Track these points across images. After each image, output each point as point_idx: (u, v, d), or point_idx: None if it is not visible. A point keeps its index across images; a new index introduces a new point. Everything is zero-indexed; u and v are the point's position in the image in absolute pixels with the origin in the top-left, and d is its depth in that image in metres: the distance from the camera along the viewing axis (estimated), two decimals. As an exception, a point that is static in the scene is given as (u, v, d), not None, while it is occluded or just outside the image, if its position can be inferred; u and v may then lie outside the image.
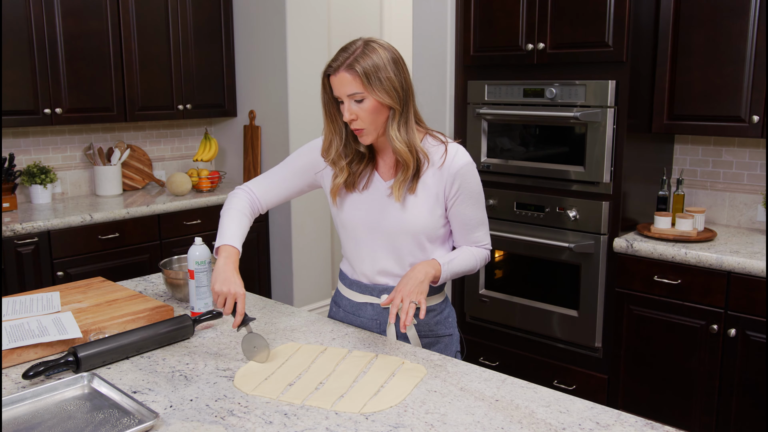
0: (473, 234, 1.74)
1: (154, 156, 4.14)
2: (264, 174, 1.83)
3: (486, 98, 3.09)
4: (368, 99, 1.55)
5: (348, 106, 1.56)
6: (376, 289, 1.74)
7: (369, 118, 1.57)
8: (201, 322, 1.72)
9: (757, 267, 2.43)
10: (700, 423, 2.65)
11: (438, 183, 1.66)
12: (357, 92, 1.54)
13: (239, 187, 1.81)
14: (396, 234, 1.68)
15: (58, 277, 3.15)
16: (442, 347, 1.79)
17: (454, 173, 1.65)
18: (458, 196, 1.67)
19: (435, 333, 1.77)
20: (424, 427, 1.25)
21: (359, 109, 1.56)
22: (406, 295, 1.56)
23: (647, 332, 2.74)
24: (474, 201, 1.70)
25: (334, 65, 1.56)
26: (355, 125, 1.58)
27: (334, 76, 1.56)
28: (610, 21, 2.69)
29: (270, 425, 1.26)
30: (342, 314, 1.85)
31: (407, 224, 1.66)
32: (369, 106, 1.55)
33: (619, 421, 1.27)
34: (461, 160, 1.66)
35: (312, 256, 4.18)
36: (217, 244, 1.67)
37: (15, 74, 3.19)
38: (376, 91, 1.54)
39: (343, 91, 1.56)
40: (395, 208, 1.66)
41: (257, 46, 4.02)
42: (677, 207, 2.91)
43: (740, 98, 2.63)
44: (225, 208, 1.76)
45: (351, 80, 1.54)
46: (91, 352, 1.48)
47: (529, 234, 3.02)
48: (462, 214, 1.70)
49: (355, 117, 1.56)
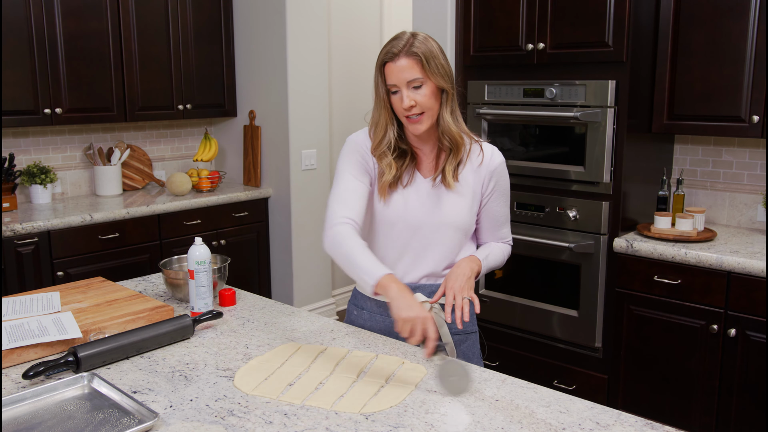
0: (501, 230, 1.81)
1: (154, 156, 4.14)
2: (336, 196, 1.67)
3: (486, 98, 3.09)
4: (426, 84, 1.59)
5: (406, 93, 1.59)
6: (410, 287, 1.71)
7: (427, 103, 1.60)
8: (201, 322, 1.72)
9: (757, 267, 2.43)
10: (700, 423, 2.65)
11: (476, 180, 1.71)
12: (417, 77, 1.58)
13: (334, 223, 1.62)
14: (438, 229, 1.68)
15: (58, 277, 3.15)
16: (471, 344, 1.79)
17: (492, 171, 1.72)
18: (493, 194, 1.74)
19: (464, 330, 1.78)
20: (424, 427, 1.25)
21: (417, 95, 1.59)
22: (458, 291, 1.58)
23: (647, 332, 2.74)
24: (505, 199, 1.78)
25: (394, 51, 1.58)
26: (414, 111, 1.60)
27: (393, 63, 1.59)
28: (610, 21, 2.69)
29: (270, 425, 1.26)
30: (366, 316, 1.81)
31: (450, 219, 1.68)
32: (427, 91, 1.59)
33: (619, 421, 1.27)
34: (498, 158, 1.74)
35: (312, 256, 4.18)
36: (372, 281, 1.52)
37: (15, 74, 3.19)
38: (434, 75, 1.59)
39: (402, 78, 1.58)
40: (437, 204, 1.69)
41: (257, 46, 4.02)
42: (677, 207, 2.91)
43: (740, 98, 2.63)
44: (341, 246, 1.58)
45: (412, 65, 1.57)
46: (91, 352, 1.48)
47: (529, 234, 3.02)
48: (494, 211, 1.76)
49: (413, 103, 1.59)
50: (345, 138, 5.13)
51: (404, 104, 1.59)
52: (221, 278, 2.01)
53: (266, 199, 4.11)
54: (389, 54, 1.59)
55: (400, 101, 1.61)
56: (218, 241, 3.80)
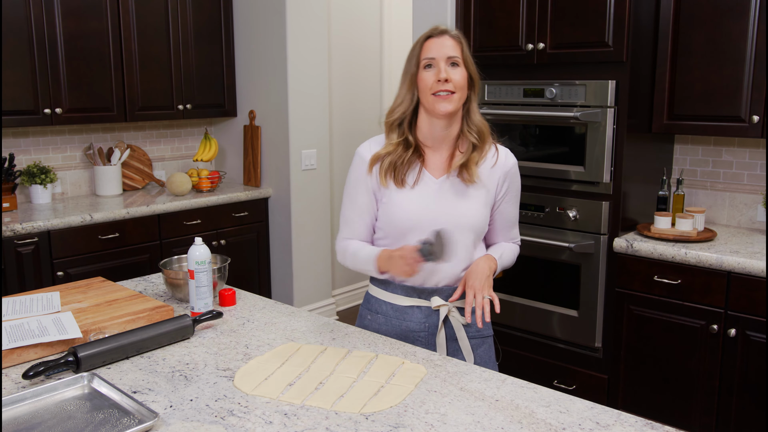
0: (512, 231, 1.83)
1: (154, 156, 4.14)
2: (343, 216, 1.79)
3: (486, 98, 3.09)
4: (461, 68, 1.63)
5: (444, 67, 1.62)
6: (426, 291, 1.71)
7: (460, 83, 1.63)
8: (201, 322, 1.72)
9: (757, 267, 2.43)
10: (700, 423, 2.65)
11: (490, 181, 1.72)
12: (456, 56, 1.62)
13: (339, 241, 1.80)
14: (455, 231, 1.66)
15: (58, 277, 3.15)
16: (487, 348, 1.77)
17: (506, 172, 1.74)
18: (506, 195, 1.76)
19: (481, 333, 1.77)
20: (424, 427, 1.25)
21: (453, 73, 1.62)
22: (478, 290, 1.59)
23: (647, 332, 2.74)
24: (517, 200, 1.80)
25: (441, 29, 1.65)
26: (446, 86, 1.61)
27: (436, 38, 1.64)
28: (610, 21, 2.69)
29: (270, 425, 1.26)
30: (381, 320, 1.78)
31: (465, 219, 1.67)
32: (462, 74, 1.63)
33: (619, 421, 1.27)
34: (512, 160, 1.76)
35: (312, 256, 4.19)
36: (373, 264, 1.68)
37: (15, 74, 3.19)
38: (470, 63, 1.66)
39: (444, 52, 1.62)
40: (450, 204, 1.67)
41: (257, 46, 4.02)
42: (677, 207, 2.91)
43: (740, 98, 2.63)
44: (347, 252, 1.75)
45: (454, 45, 1.63)
46: (91, 352, 1.48)
47: (529, 234, 3.01)
48: (506, 212, 1.78)
49: (448, 77, 1.61)
50: (345, 138, 5.12)
51: (441, 75, 1.60)
52: (221, 278, 2.01)
53: (266, 199, 4.11)
54: (435, 30, 1.65)
55: (433, 75, 1.61)
56: (218, 241, 3.80)
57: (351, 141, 4.57)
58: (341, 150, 4.54)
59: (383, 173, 1.68)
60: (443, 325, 1.70)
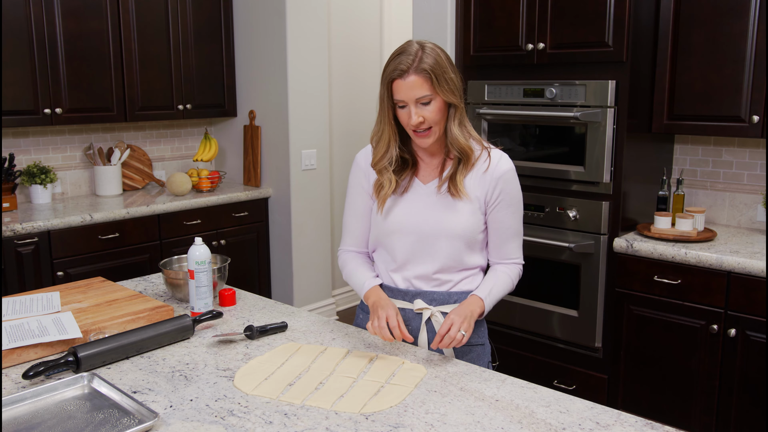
0: (506, 245, 1.73)
1: (154, 156, 4.14)
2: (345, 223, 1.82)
3: (486, 98, 3.09)
4: (435, 100, 1.57)
5: (415, 110, 1.57)
6: (409, 293, 1.71)
7: (435, 118, 1.59)
8: (201, 322, 1.72)
9: (757, 267, 2.43)
10: (700, 423, 2.65)
11: (480, 188, 1.67)
12: (426, 95, 1.56)
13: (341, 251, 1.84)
14: (436, 237, 1.66)
15: (58, 277, 3.15)
16: (474, 357, 1.76)
17: (497, 178, 1.67)
18: (499, 202, 1.68)
19: (469, 342, 1.75)
20: (424, 427, 1.25)
21: (425, 111, 1.57)
22: (456, 323, 1.55)
23: (647, 332, 2.74)
24: (513, 209, 1.71)
25: (402, 68, 1.55)
26: (422, 127, 1.59)
27: (401, 80, 1.55)
28: (610, 21, 2.69)
29: (270, 425, 1.26)
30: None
31: (448, 227, 1.65)
32: (436, 107, 1.58)
33: (619, 421, 1.27)
34: (505, 165, 1.69)
35: (312, 256, 4.19)
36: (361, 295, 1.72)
37: (15, 74, 3.19)
38: (443, 91, 1.57)
39: (411, 95, 1.56)
40: (436, 211, 1.66)
41: (257, 46, 4.02)
42: (677, 207, 2.91)
43: (740, 98, 2.63)
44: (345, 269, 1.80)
45: (422, 83, 1.55)
46: (91, 352, 1.48)
47: (529, 234, 3.01)
48: (499, 221, 1.70)
49: (422, 120, 1.57)
50: (345, 138, 5.13)
51: (412, 121, 1.57)
52: (221, 278, 2.01)
53: (266, 199, 4.11)
54: (397, 71, 1.55)
55: (407, 116, 1.59)
56: (218, 241, 3.80)
57: (351, 141, 4.57)
58: (341, 150, 4.54)
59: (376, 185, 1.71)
60: (425, 327, 1.70)
